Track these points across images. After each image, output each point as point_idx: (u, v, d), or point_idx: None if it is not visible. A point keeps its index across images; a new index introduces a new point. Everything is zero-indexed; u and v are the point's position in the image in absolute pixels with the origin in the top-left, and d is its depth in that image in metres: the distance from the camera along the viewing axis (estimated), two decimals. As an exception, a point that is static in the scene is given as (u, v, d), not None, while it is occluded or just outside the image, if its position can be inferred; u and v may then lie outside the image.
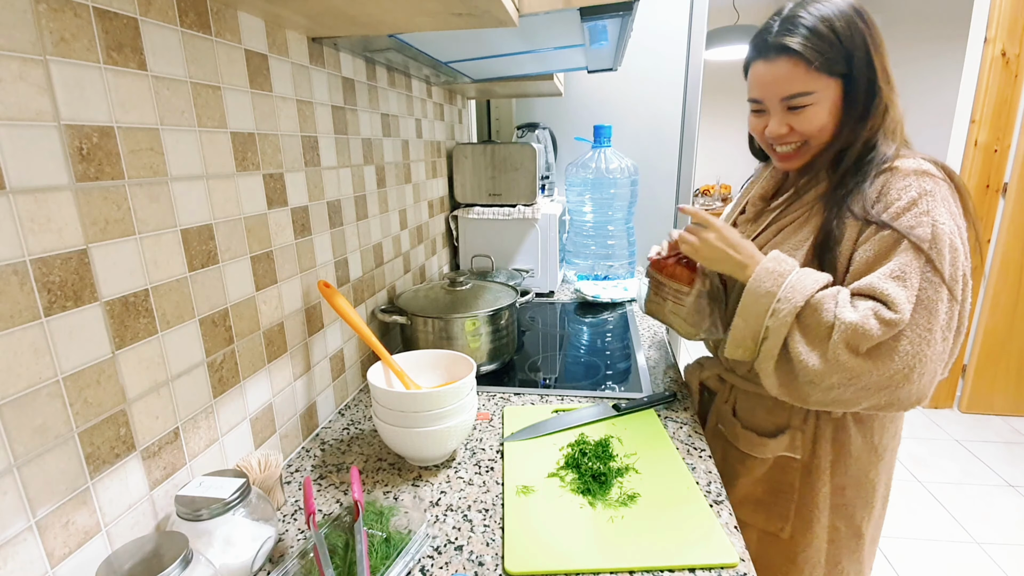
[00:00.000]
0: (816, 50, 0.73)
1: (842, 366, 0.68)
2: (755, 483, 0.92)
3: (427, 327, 1.03)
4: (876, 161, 0.76)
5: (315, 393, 0.89)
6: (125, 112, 0.52)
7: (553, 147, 2.00)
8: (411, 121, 1.29)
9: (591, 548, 0.61)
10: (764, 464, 0.90)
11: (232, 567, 0.55)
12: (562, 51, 1.07)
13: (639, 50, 1.87)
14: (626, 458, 0.78)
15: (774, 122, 0.80)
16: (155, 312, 0.56)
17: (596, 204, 1.68)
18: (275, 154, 0.76)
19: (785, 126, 0.79)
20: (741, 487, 0.93)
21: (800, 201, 0.84)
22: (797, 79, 0.75)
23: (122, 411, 0.53)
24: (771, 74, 0.77)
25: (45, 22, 0.44)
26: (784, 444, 0.87)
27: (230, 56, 0.66)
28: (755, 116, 0.84)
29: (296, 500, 0.72)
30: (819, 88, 0.75)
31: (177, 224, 0.59)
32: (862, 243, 0.74)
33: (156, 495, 0.58)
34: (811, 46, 0.73)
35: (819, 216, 0.80)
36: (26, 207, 0.43)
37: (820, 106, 0.76)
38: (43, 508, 0.45)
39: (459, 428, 0.76)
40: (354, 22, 0.74)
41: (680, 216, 2.04)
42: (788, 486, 0.89)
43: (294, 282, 0.82)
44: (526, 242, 1.59)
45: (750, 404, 0.92)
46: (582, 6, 0.70)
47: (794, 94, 0.76)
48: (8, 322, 0.42)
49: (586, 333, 1.35)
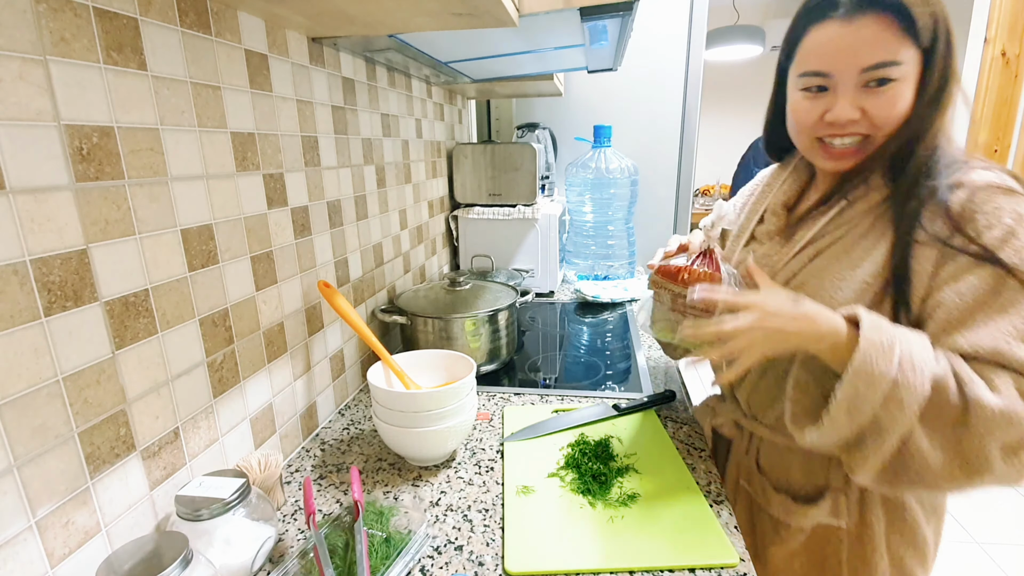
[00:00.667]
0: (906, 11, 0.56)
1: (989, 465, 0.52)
2: (791, 556, 0.75)
3: (427, 327, 1.03)
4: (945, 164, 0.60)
5: (315, 393, 0.89)
6: (125, 112, 0.52)
7: (553, 147, 2.00)
8: (411, 121, 1.29)
9: (591, 548, 0.61)
10: (802, 533, 0.73)
11: (232, 567, 0.55)
12: (562, 51, 1.07)
13: (639, 50, 1.87)
14: (626, 458, 0.78)
15: (843, 104, 0.61)
16: (155, 312, 0.56)
17: (596, 204, 1.68)
18: (275, 154, 0.76)
19: (857, 109, 0.61)
20: (774, 559, 0.76)
21: (845, 215, 0.66)
22: (887, 44, 0.57)
23: (122, 411, 0.53)
24: (852, 36, 0.59)
25: (45, 22, 0.44)
26: (826, 510, 0.70)
27: (230, 56, 0.66)
28: (809, 98, 0.64)
29: (296, 500, 0.72)
30: (907, 60, 0.58)
31: (177, 224, 0.59)
32: (949, 278, 0.57)
33: (156, 495, 0.58)
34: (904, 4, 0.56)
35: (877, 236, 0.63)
36: (26, 207, 0.43)
37: (905, 83, 0.59)
38: (43, 508, 0.45)
39: (459, 428, 0.76)
40: (354, 22, 0.74)
41: (680, 215, 2.04)
42: (834, 561, 0.72)
43: (294, 282, 0.82)
44: (526, 242, 1.59)
45: (779, 459, 0.75)
46: (582, 6, 0.70)
47: (880, 63, 0.58)
48: (8, 322, 0.42)
49: (586, 333, 1.35)
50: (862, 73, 0.59)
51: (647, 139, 1.98)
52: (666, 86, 1.92)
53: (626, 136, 1.97)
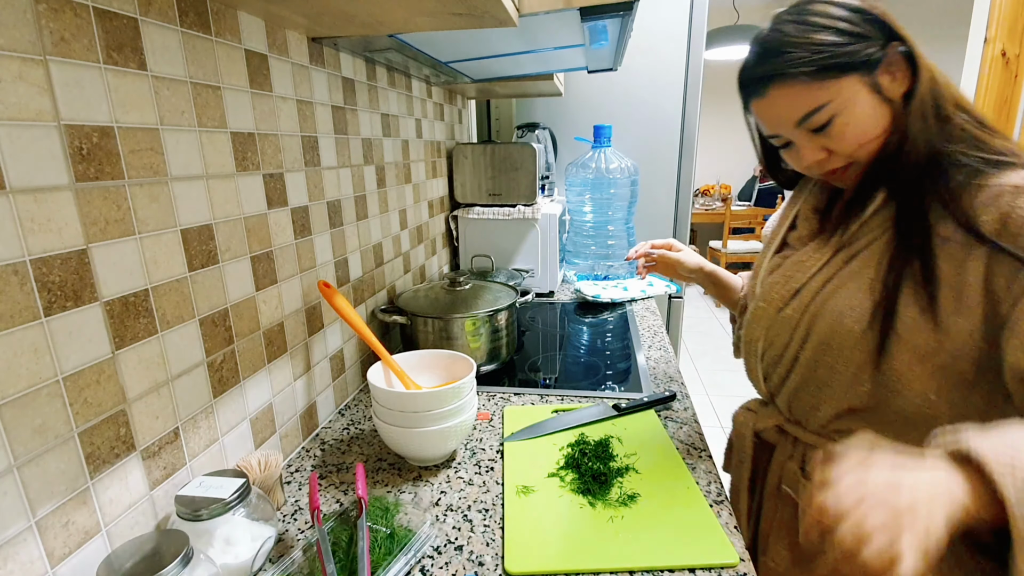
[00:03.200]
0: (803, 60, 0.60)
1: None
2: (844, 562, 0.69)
3: (427, 327, 1.03)
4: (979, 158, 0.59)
5: (315, 393, 0.89)
6: (125, 112, 0.52)
7: (553, 147, 2.00)
8: (411, 121, 1.29)
9: (591, 548, 0.61)
10: None
11: (232, 567, 0.55)
12: (562, 51, 1.08)
13: (639, 50, 1.87)
14: (626, 458, 0.78)
15: (804, 153, 0.66)
16: (155, 312, 0.56)
17: (596, 204, 1.68)
18: (275, 154, 0.76)
19: (821, 151, 0.65)
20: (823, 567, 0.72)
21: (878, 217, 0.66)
22: (801, 99, 0.62)
23: (122, 411, 0.53)
24: (771, 108, 0.65)
25: (45, 22, 0.44)
26: None
27: (230, 56, 0.66)
28: (785, 152, 0.70)
29: (296, 500, 0.72)
30: (836, 94, 0.61)
31: (177, 224, 0.59)
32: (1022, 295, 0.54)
33: (156, 495, 0.58)
34: (795, 59, 0.60)
35: None
36: (26, 207, 0.43)
37: (848, 110, 0.61)
38: (43, 508, 0.45)
39: (459, 428, 0.76)
40: (354, 22, 0.74)
41: (680, 215, 2.04)
42: None
43: (294, 282, 0.82)
44: (526, 242, 1.59)
45: None
46: (582, 6, 0.70)
47: (804, 116, 0.63)
48: (8, 322, 0.42)
49: (586, 333, 1.35)
50: (798, 127, 0.64)
51: (647, 139, 1.98)
52: (666, 86, 1.92)
53: (626, 136, 1.97)
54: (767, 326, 0.75)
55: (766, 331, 0.75)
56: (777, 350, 0.74)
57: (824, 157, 0.65)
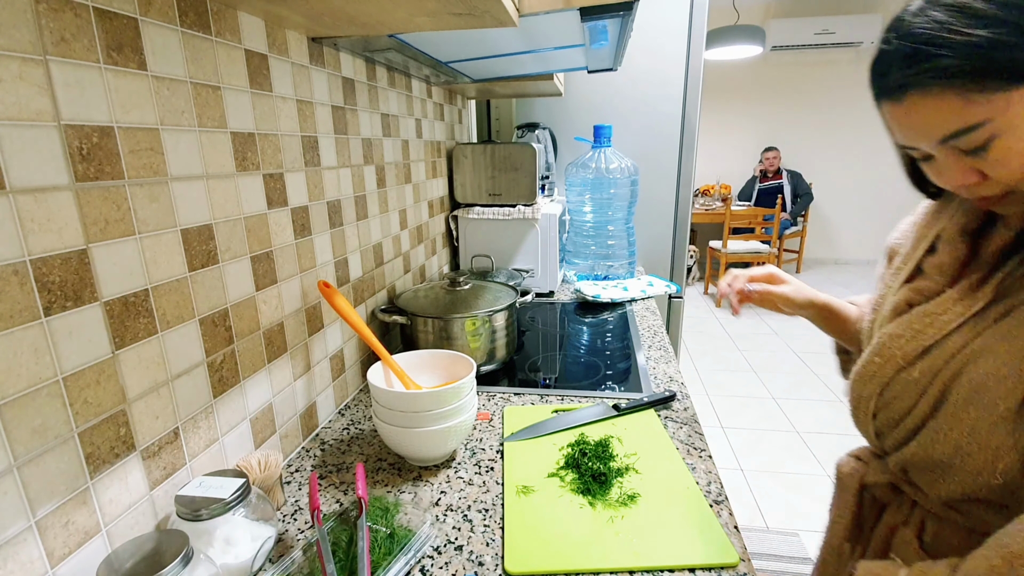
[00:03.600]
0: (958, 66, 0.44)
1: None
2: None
3: (427, 327, 1.03)
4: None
5: (315, 393, 0.89)
6: (125, 112, 0.52)
7: (553, 147, 2.00)
8: (411, 121, 1.29)
9: (591, 548, 0.61)
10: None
11: (232, 567, 0.55)
12: (562, 51, 1.08)
13: (639, 50, 1.87)
14: (626, 458, 0.78)
15: (950, 174, 0.51)
16: (155, 312, 0.56)
17: (596, 204, 1.68)
18: (275, 154, 0.76)
19: (973, 173, 0.50)
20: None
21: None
22: (951, 115, 0.47)
23: (122, 411, 0.53)
24: (907, 118, 0.50)
25: (45, 22, 0.44)
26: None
27: (230, 56, 0.66)
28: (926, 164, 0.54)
29: (296, 500, 0.72)
30: (996, 112, 0.45)
31: (177, 224, 0.59)
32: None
33: (156, 495, 0.58)
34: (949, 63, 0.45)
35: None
36: (26, 207, 0.43)
37: (1014, 134, 0.46)
38: (43, 508, 0.45)
39: (459, 428, 0.76)
40: (354, 22, 0.74)
41: (680, 215, 2.04)
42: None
43: (294, 282, 0.82)
44: (526, 242, 1.59)
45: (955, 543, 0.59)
46: (582, 6, 0.70)
47: (953, 133, 0.48)
48: (8, 322, 0.42)
49: (586, 333, 1.35)
50: (942, 144, 0.49)
51: (647, 139, 1.98)
52: (666, 86, 1.92)
53: (626, 136, 1.97)
54: (881, 384, 0.61)
55: (879, 391, 0.61)
56: (894, 414, 0.60)
57: (975, 182, 0.50)
